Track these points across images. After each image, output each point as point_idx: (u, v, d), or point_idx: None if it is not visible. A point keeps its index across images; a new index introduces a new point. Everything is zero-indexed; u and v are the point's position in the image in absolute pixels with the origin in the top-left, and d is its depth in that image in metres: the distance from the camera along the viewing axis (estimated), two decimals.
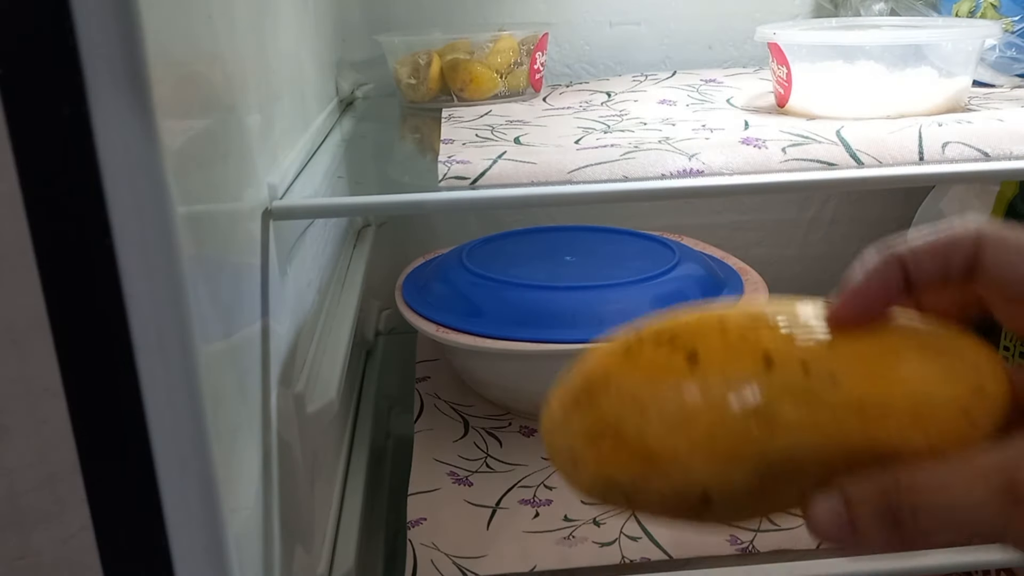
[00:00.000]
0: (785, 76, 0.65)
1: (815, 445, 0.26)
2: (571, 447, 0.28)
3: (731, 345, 0.27)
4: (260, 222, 0.44)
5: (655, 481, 0.27)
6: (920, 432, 0.26)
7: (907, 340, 0.27)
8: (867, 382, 0.26)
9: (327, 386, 0.52)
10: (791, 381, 0.26)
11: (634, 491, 0.27)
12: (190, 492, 0.33)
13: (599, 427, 0.27)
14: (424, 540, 0.56)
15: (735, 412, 0.26)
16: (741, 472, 0.26)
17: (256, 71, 0.48)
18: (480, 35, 0.78)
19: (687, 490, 0.26)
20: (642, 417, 0.27)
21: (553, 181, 0.51)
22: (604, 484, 0.28)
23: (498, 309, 0.65)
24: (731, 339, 0.27)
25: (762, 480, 0.26)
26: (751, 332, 0.27)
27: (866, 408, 0.26)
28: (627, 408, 0.27)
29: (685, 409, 0.26)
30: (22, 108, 0.29)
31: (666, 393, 0.27)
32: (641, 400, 0.27)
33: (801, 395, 0.26)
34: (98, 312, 0.31)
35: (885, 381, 0.26)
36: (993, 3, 0.73)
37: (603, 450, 0.27)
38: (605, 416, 0.27)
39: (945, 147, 0.52)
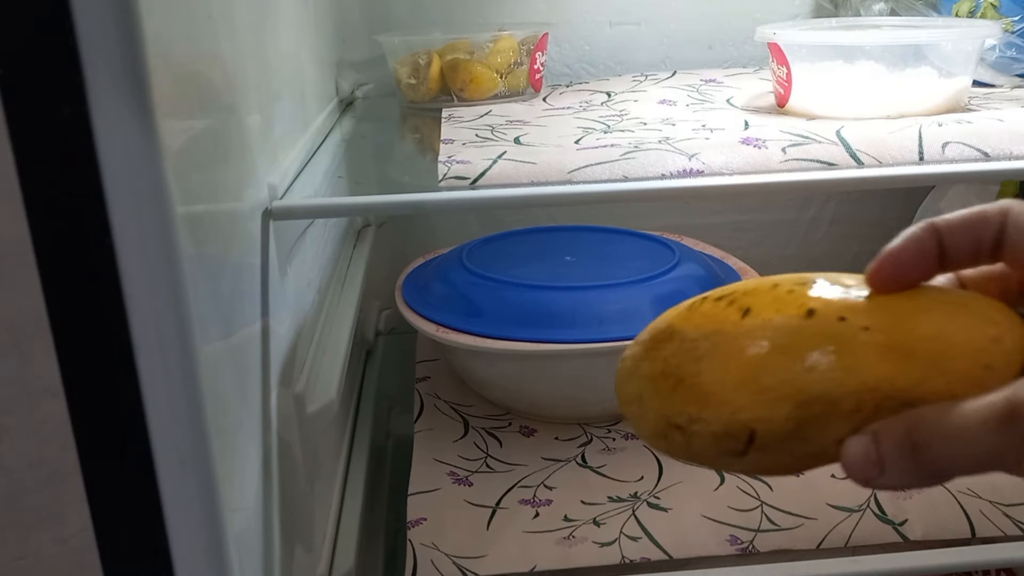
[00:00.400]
0: (785, 76, 0.65)
1: (847, 387, 0.29)
2: (639, 391, 0.32)
3: (779, 299, 0.31)
4: (260, 222, 0.44)
5: (708, 418, 0.30)
6: (940, 376, 0.28)
7: (933, 298, 0.30)
8: (894, 332, 0.29)
9: (327, 386, 0.52)
10: (828, 328, 0.29)
11: (690, 431, 0.30)
12: (190, 492, 0.33)
13: (662, 371, 0.31)
14: (424, 540, 0.56)
15: (778, 354, 0.29)
16: (782, 410, 0.29)
17: (256, 71, 0.48)
18: (480, 35, 0.78)
19: (735, 427, 0.30)
20: (699, 360, 0.31)
21: (553, 181, 0.51)
22: (665, 425, 0.31)
23: (498, 309, 0.65)
24: (780, 294, 0.31)
25: (801, 420, 0.29)
26: (798, 289, 0.31)
27: (892, 353, 0.29)
28: (686, 354, 0.31)
29: (734, 353, 0.30)
30: (22, 108, 0.29)
31: (719, 340, 0.30)
32: (699, 345, 0.31)
33: (836, 341, 0.29)
34: (98, 312, 0.31)
35: (910, 331, 0.29)
36: (993, 3, 0.73)
37: (664, 392, 0.31)
38: (667, 361, 0.31)
39: (945, 147, 0.52)
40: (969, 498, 0.57)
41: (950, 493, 0.58)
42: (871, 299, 0.30)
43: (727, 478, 0.61)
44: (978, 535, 0.55)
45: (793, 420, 0.29)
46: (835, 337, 0.29)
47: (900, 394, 0.28)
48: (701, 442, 0.30)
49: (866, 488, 0.30)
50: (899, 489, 0.30)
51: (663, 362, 0.32)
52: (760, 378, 0.29)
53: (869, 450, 0.28)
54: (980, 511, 0.56)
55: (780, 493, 0.59)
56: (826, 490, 0.59)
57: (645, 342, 0.33)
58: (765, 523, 0.56)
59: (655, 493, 0.60)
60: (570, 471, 0.63)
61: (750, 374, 0.29)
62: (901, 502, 0.57)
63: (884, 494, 0.58)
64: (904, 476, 0.28)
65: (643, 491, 0.60)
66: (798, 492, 0.59)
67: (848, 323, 0.29)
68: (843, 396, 0.29)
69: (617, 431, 0.68)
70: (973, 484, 0.59)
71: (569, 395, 0.68)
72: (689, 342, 0.31)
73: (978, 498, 0.57)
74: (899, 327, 0.29)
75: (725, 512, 0.57)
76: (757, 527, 0.56)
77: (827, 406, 0.29)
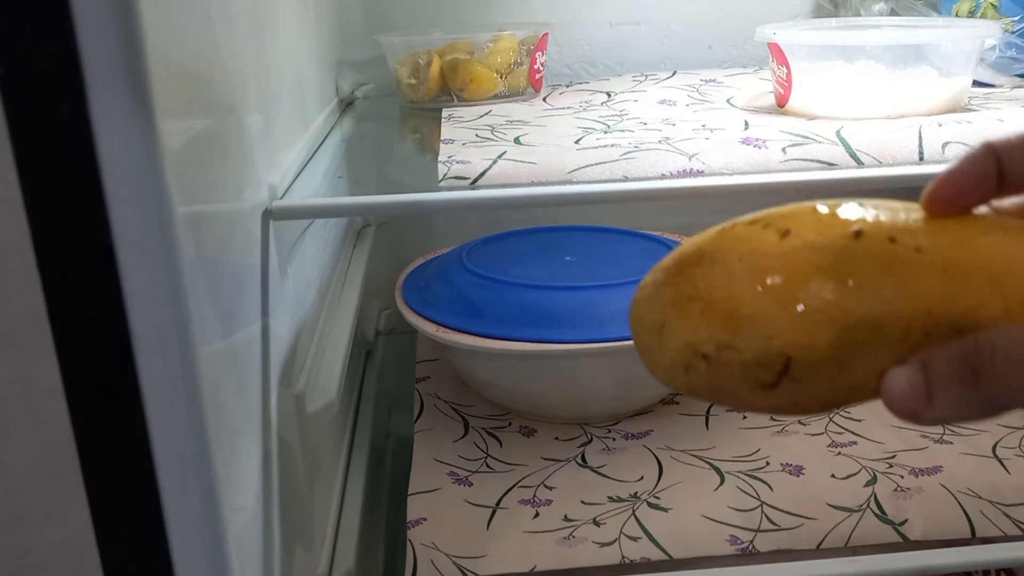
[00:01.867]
0: (785, 76, 0.65)
1: (897, 309, 0.27)
2: (660, 318, 0.30)
3: (822, 221, 0.28)
4: (260, 222, 0.44)
5: (740, 345, 0.28)
6: (999, 298, 0.26)
7: (989, 223, 0.28)
8: (949, 251, 0.27)
9: (327, 386, 0.52)
10: (878, 249, 0.27)
11: (717, 358, 0.28)
12: (190, 492, 0.33)
13: (689, 295, 0.29)
14: (424, 540, 0.56)
15: (822, 275, 0.27)
16: (824, 334, 0.27)
17: (256, 71, 0.48)
18: (480, 35, 0.78)
19: (769, 355, 0.27)
20: (733, 282, 0.28)
21: (553, 181, 0.51)
22: (689, 354, 0.29)
23: (498, 309, 0.65)
24: (822, 217, 0.28)
25: (843, 347, 0.27)
26: (843, 212, 0.28)
27: (947, 272, 0.27)
28: (719, 275, 0.29)
29: (775, 273, 0.28)
30: (22, 108, 0.29)
31: (757, 260, 0.28)
32: (732, 267, 0.28)
33: (886, 261, 0.27)
34: (98, 312, 0.31)
35: (966, 251, 0.27)
36: (993, 3, 0.73)
37: (691, 316, 0.29)
38: (696, 284, 0.29)
39: (945, 147, 0.52)
40: (969, 498, 0.57)
41: (950, 493, 0.58)
42: (924, 222, 0.28)
43: (727, 478, 0.61)
44: (978, 535, 0.55)
45: (835, 347, 0.27)
46: (886, 258, 0.27)
47: (954, 319, 0.26)
48: (728, 372, 0.28)
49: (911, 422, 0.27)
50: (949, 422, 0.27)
51: (691, 286, 0.29)
52: (802, 300, 0.27)
53: (916, 380, 0.26)
54: (980, 511, 0.56)
55: (780, 493, 0.59)
56: (826, 490, 0.59)
57: (669, 267, 0.30)
58: (765, 523, 0.56)
59: (655, 493, 0.60)
60: (570, 471, 0.63)
61: (791, 296, 0.27)
62: (901, 502, 0.57)
63: (884, 494, 0.58)
64: (960, 408, 0.26)
65: (643, 491, 0.60)
66: (798, 492, 0.59)
67: (900, 244, 0.27)
68: (892, 320, 0.27)
69: (617, 431, 0.68)
70: (973, 484, 0.59)
71: (569, 395, 0.68)
72: (721, 264, 0.29)
73: (978, 498, 0.57)
74: (956, 247, 0.27)
75: (725, 512, 0.57)
76: (757, 527, 0.56)
77: (873, 331, 0.27)
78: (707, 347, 0.28)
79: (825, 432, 0.66)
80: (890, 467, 0.61)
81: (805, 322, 0.27)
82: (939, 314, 0.27)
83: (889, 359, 0.27)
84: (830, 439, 0.65)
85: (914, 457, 0.62)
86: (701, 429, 0.68)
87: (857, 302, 0.27)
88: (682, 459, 0.64)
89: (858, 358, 0.27)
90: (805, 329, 0.27)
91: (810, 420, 0.68)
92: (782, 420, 0.68)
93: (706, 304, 0.28)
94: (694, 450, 0.65)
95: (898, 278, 0.27)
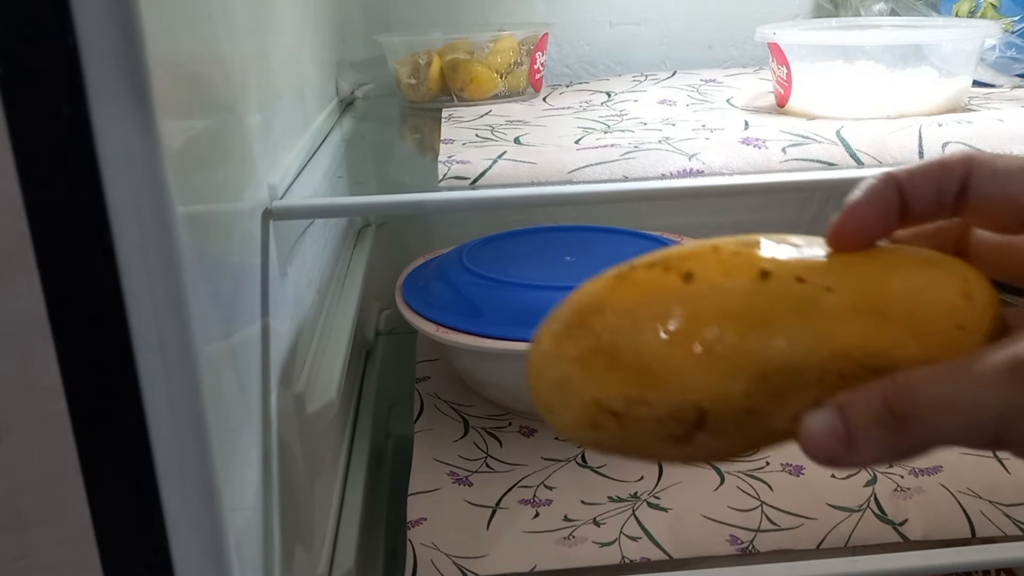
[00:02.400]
0: (785, 76, 0.65)
1: (812, 353, 0.26)
2: (561, 376, 0.28)
3: (726, 261, 0.27)
4: (260, 222, 0.44)
5: (650, 399, 0.26)
6: (913, 337, 0.26)
7: (898, 256, 0.28)
8: (861, 290, 0.26)
9: (327, 386, 0.52)
10: (787, 290, 0.26)
11: (627, 414, 0.27)
12: (190, 492, 0.33)
13: (593, 348, 0.27)
14: (424, 540, 0.56)
15: (732, 322, 0.26)
16: (738, 384, 0.26)
17: (256, 71, 0.48)
18: (480, 35, 0.78)
19: (682, 408, 0.26)
20: (638, 333, 0.26)
21: (553, 181, 0.51)
22: (596, 409, 0.27)
23: (498, 309, 0.65)
24: (725, 257, 0.27)
25: (757, 395, 0.26)
26: (746, 251, 0.27)
27: (860, 312, 0.26)
28: (622, 326, 0.27)
29: (682, 322, 0.26)
30: (22, 108, 0.29)
31: (662, 308, 0.26)
32: (637, 316, 0.27)
33: (797, 303, 0.26)
34: (98, 312, 0.31)
35: (878, 288, 0.26)
36: (993, 3, 0.73)
37: (597, 371, 0.27)
38: (599, 337, 0.27)
39: (945, 147, 0.52)
40: (969, 498, 0.57)
41: (950, 493, 0.58)
42: (828, 258, 0.27)
43: (727, 478, 0.61)
44: (978, 535, 0.55)
45: (750, 395, 0.26)
46: (796, 299, 0.26)
47: (870, 360, 0.26)
48: (640, 428, 0.27)
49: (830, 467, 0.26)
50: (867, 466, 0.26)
51: (594, 337, 0.27)
52: (713, 348, 0.26)
53: (835, 424, 0.26)
54: (980, 511, 0.56)
55: (780, 493, 0.59)
56: (826, 490, 0.59)
57: (568, 318, 0.28)
58: (765, 523, 0.56)
59: (655, 493, 0.60)
60: (570, 471, 0.63)
61: (700, 345, 0.26)
62: (901, 502, 0.57)
63: (884, 494, 0.58)
64: (880, 452, 0.25)
65: (643, 491, 0.60)
66: (798, 492, 0.59)
67: (809, 283, 0.26)
68: (807, 365, 0.26)
69: None
70: (973, 484, 0.59)
71: None
72: (624, 313, 0.27)
73: (978, 498, 0.57)
74: (866, 286, 0.26)
75: (725, 512, 0.57)
76: (757, 527, 0.56)
77: (789, 377, 0.26)
78: (616, 404, 0.27)
79: None
80: (890, 467, 0.61)
81: (717, 372, 0.26)
82: (855, 356, 0.26)
83: (804, 404, 0.26)
84: None
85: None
86: None
87: (770, 348, 0.26)
88: None
89: (773, 405, 0.26)
90: (718, 380, 0.26)
91: None
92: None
93: (611, 357, 0.27)
94: None
95: (810, 321, 0.26)
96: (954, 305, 0.26)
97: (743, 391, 0.26)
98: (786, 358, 0.26)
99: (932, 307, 0.26)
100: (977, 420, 0.24)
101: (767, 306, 0.26)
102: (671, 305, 0.26)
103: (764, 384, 0.26)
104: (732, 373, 0.26)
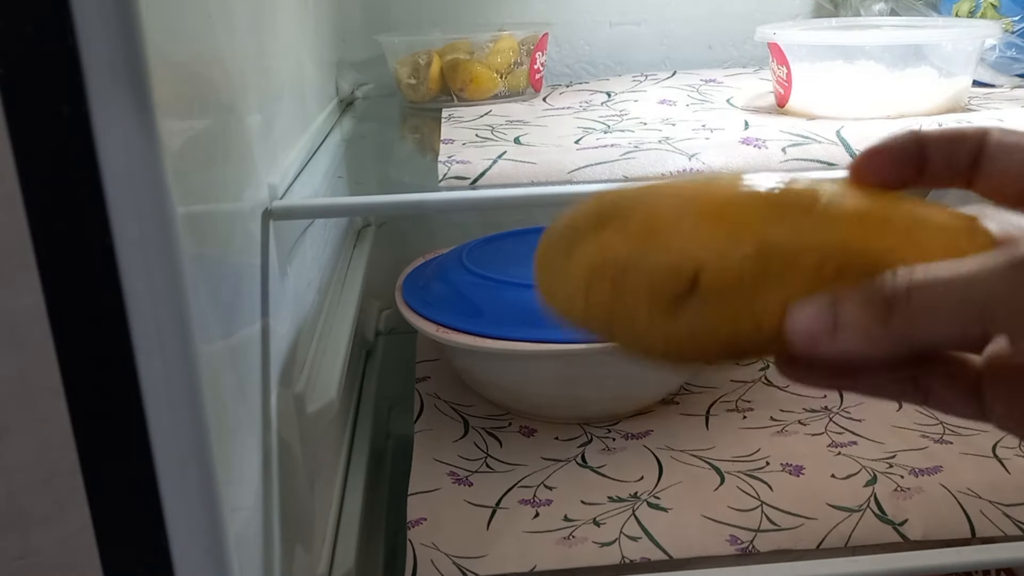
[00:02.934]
0: (785, 76, 0.65)
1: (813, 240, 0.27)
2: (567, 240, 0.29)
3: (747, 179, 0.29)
4: (260, 222, 0.45)
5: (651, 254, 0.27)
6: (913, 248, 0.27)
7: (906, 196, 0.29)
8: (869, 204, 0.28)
9: (327, 386, 0.52)
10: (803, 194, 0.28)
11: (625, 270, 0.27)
12: (190, 492, 0.33)
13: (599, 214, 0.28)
14: (424, 540, 0.56)
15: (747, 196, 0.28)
16: (738, 250, 0.27)
17: (256, 71, 0.48)
18: (480, 35, 0.78)
19: (680, 266, 0.27)
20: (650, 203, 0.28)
21: (553, 181, 0.51)
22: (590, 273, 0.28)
23: (498, 309, 0.65)
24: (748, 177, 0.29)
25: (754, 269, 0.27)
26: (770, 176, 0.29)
27: (866, 220, 0.27)
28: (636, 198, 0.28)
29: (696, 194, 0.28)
30: (22, 108, 0.29)
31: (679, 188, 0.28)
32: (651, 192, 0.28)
33: (808, 204, 0.28)
34: (98, 312, 0.31)
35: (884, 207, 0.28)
36: (993, 3, 0.73)
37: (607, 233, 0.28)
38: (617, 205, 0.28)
39: None
40: (969, 498, 0.57)
41: (950, 493, 0.58)
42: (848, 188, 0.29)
43: (727, 478, 0.61)
44: (978, 535, 0.55)
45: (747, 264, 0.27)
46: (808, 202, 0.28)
47: (869, 258, 0.26)
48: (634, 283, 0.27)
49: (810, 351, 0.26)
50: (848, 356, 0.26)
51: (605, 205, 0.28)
52: (723, 212, 0.27)
53: (823, 309, 0.26)
54: (980, 511, 0.56)
55: (780, 493, 0.59)
56: (826, 490, 0.59)
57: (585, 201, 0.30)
58: (765, 523, 0.56)
59: (655, 493, 0.60)
60: (570, 471, 0.63)
61: (712, 209, 0.27)
62: (901, 502, 0.57)
63: (884, 494, 0.58)
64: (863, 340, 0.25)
65: (643, 491, 0.60)
66: (798, 492, 0.59)
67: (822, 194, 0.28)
68: (807, 248, 0.27)
69: (617, 431, 0.68)
70: (973, 484, 0.59)
71: (569, 395, 0.68)
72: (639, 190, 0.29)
73: (978, 498, 0.57)
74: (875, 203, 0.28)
75: (725, 512, 0.57)
76: (757, 527, 0.56)
77: (788, 254, 0.27)
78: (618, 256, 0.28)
79: (825, 432, 0.66)
80: (890, 467, 0.61)
81: (721, 238, 0.27)
82: (854, 252, 0.27)
83: (798, 290, 0.27)
84: (830, 439, 0.65)
85: (914, 457, 0.62)
86: (701, 429, 0.68)
87: (774, 228, 0.27)
88: (682, 459, 0.64)
89: (768, 285, 0.27)
90: (720, 244, 0.27)
91: (810, 420, 0.68)
92: (782, 420, 0.68)
93: (621, 221, 0.28)
94: (694, 450, 0.65)
95: (817, 218, 0.27)
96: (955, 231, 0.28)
97: (741, 256, 0.27)
98: (787, 239, 0.27)
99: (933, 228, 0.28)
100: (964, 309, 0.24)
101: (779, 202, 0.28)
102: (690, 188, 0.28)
103: (762, 256, 0.27)
104: (734, 241, 0.27)
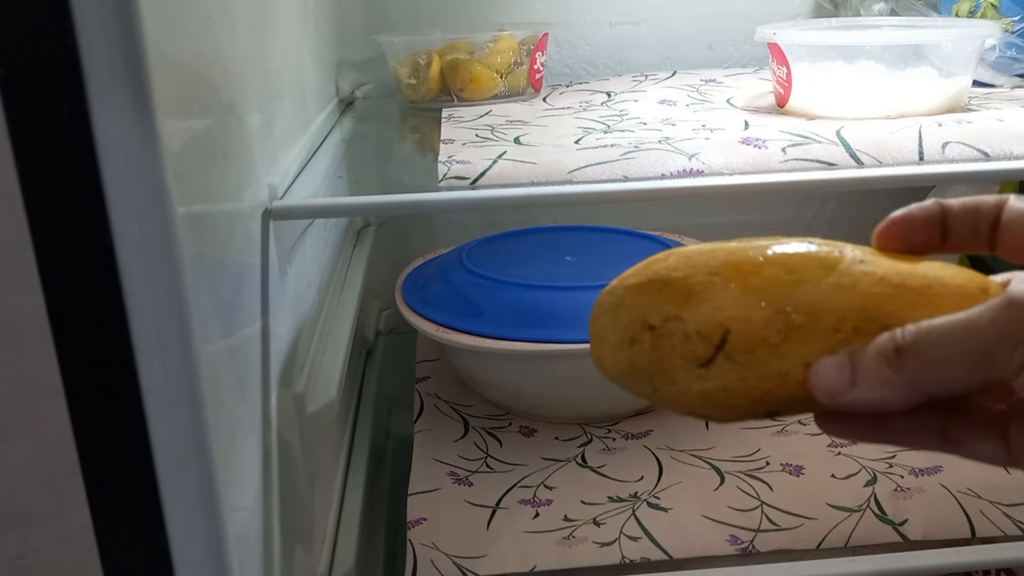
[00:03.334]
0: (785, 76, 0.65)
1: (833, 301, 0.30)
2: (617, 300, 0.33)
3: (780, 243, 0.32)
4: (260, 222, 0.45)
5: (686, 317, 0.30)
6: (928, 306, 0.29)
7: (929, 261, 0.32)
8: (888, 268, 0.31)
9: (327, 386, 0.52)
10: (826, 254, 0.31)
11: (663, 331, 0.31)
12: (190, 492, 0.33)
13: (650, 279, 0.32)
14: (424, 540, 0.56)
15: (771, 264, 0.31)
16: (762, 313, 0.30)
17: (256, 71, 0.48)
18: (480, 35, 0.78)
19: (710, 327, 0.30)
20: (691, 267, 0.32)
21: (553, 181, 0.51)
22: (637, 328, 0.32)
23: (498, 309, 0.65)
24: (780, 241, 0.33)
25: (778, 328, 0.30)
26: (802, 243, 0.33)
27: (884, 282, 0.30)
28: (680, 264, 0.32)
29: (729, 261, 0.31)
30: (22, 108, 0.29)
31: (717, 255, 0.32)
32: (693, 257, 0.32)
33: (831, 265, 0.31)
34: (98, 312, 0.31)
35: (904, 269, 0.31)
36: (993, 3, 0.73)
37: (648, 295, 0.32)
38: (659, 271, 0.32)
39: (945, 147, 0.52)
40: (969, 498, 0.57)
41: (950, 493, 0.58)
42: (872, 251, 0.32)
43: (727, 478, 0.61)
44: (978, 535, 0.55)
45: (771, 326, 0.30)
46: (831, 263, 0.30)
47: (884, 317, 0.29)
48: (670, 343, 0.31)
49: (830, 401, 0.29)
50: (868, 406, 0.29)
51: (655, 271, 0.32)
52: (749, 279, 0.30)
53: (843, 363, 0.28)
54: (980, 511, 0.56)
55: (780, 493, 0.59)
56: (826, 490, 0.59)
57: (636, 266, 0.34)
58: (765, 523, 0.56)
59: (655, 493, 0.60)
60: (570, 471, 0.63)
61: (740, 276, 0.30)
62: (901, 502, 0.57)
63: (884, 494, 0.58)
64: (879, 387, 0.28)
65: (643, 491, 0.60)
66: (798, 492, 0.59)
67: (845, 256, 0.31)
68: (827, 310, 0.29)
69: (617, 431, 0.68)
70: (973, 484, 0.59)
71: (569, 395, 0.68)
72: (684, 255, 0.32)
73: (978, 498, 0.57)
74: (895, 266, 0.31)
75: (725, 512, 0.57)
76: (757, 527, 0.56)
77: (808, 317, 0.29)
78: (656, 319, 0.31)
79: None
80: (890, 467, 0.61)
81: (748, 298, 0.30)
82: (871, 311, 0.29)
83: (819, 349, 0.29)
84: (830, 439, 0.65)
85: (914, 457, 0.62)
86: (701, 429, 0.68)
87: (798, 289, 0.30)
88: (682, 459, 0.64)
89: (791, 344, 0.30)
90: (746, 304, 0.30)
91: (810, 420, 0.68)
92: (782, 420, 0.68)
93: (664, 284, 0.31)
94: (694, 450, 0.65)
95: (838, 279, 0.30)
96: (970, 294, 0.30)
97: (765, 319, 0.30)
98: (809, 299, 0.30)
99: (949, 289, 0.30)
100: (968, 347, 0.27)
101: (803, 262, 0.31)
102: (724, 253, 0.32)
103: (785, 318, 0.30)
104: (759, 300, 0.30)
